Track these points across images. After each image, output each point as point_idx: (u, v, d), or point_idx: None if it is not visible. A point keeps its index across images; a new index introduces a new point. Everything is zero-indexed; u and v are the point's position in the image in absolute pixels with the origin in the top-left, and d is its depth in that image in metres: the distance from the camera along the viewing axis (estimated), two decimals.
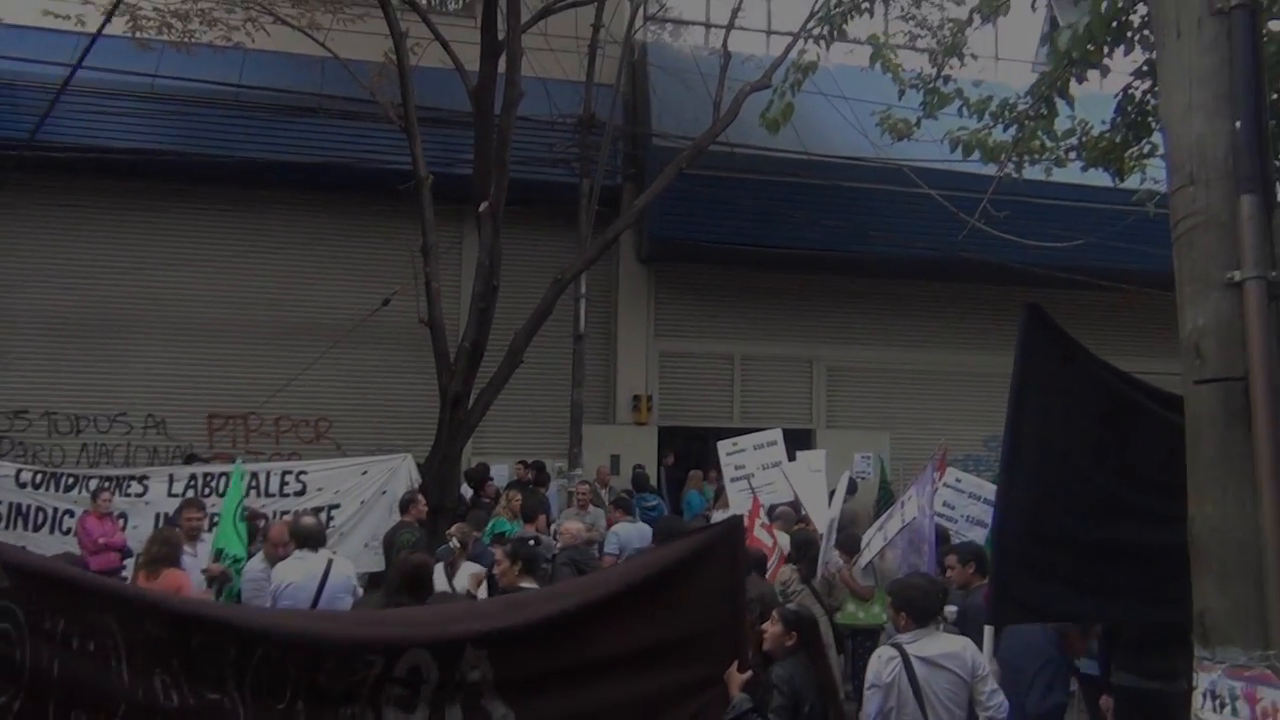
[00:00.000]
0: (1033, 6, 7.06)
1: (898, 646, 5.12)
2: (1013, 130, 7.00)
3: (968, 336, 15.84)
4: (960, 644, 5.24)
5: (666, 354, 15.38)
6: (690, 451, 16.01)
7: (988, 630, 5.67)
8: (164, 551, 6.89)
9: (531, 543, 7.17)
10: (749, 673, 3.95)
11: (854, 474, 13.97)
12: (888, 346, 15.95)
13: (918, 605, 5.22)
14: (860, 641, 8.25)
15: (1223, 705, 2.55)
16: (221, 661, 2.88)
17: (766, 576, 7.46)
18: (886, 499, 12.88)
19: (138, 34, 10.97)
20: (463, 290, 13.64)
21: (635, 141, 14.60)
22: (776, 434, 10.75)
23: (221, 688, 2.89)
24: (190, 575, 7.69)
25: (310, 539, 7.08)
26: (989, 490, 8.83)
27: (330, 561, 7.10)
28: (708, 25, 15.88)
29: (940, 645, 5.14)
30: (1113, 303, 15.09)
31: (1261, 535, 2.51)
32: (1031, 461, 5.58)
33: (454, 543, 7.95)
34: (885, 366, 15.99)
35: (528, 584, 6.01)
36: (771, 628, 4.98)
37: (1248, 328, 2.59)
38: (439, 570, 7.31)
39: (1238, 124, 2.66)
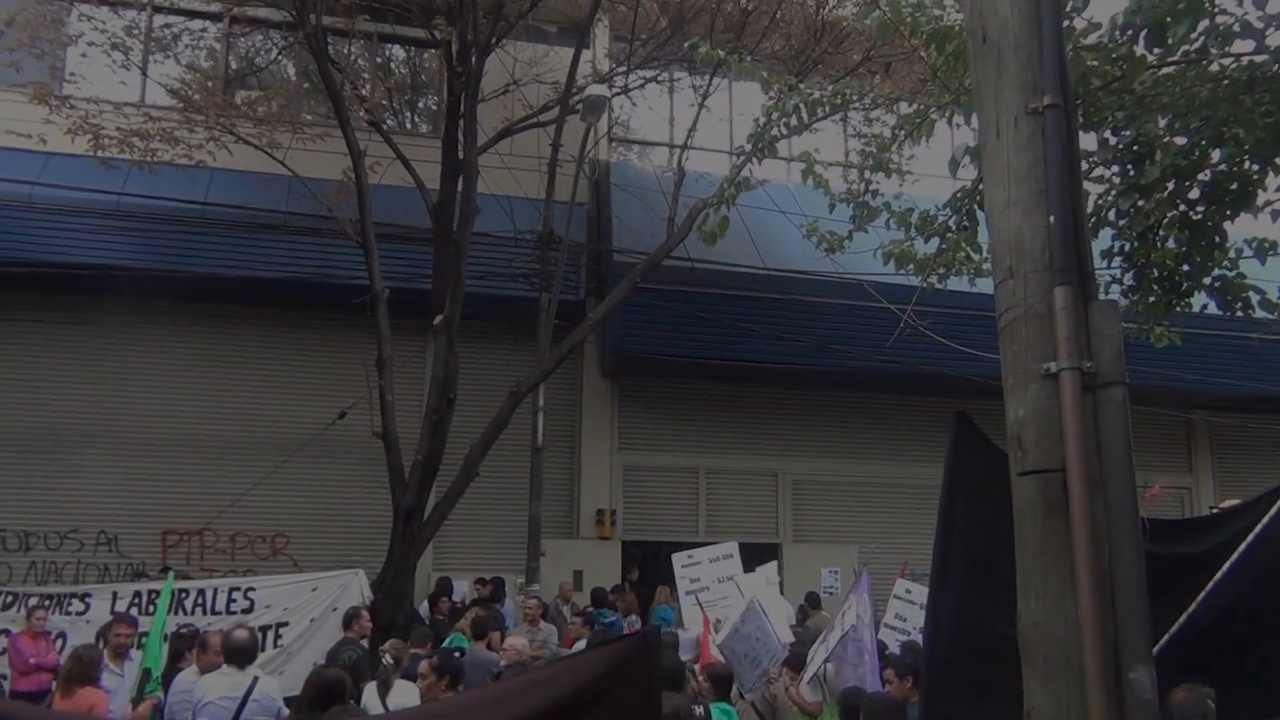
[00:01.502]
0: (950, 124, 7.20)
1: None
2: (934, 243, 7.09)
3: (932, 450, 15.67)
4: None
5: (630, 467, 15.29)
6: (655, 566, 15.83)
7: None
8: (79, 670, 6.76)
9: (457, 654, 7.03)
10: None
11: (822, 589, 13.85)
12: (853, 459, 15.87)
13: None
14: None
15: None
16: None
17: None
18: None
19: (99, 153, 11.18)
20: (422, 403, 13.64)
21: (598, 258, 14.82)
22: (733, 547, 10.67)
23: None
24: (113, 696, 7.50)
25: (240, 654, 6.91)
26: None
27: (255, 680, 6.93)
28: (671, 146, 16.26)
29: None
30: None
31: (1081, 630, 2.45)
32: (960, 572, 5.51)
33: (387, 659, 7.79)
34: (851, 479, 15.87)
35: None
36: None
37: (1064, 418, 2.58)
38: (371, 689, 7.14)
39: (1051, 219, 2.71)
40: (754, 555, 11.36)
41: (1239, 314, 6.33)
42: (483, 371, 13.37)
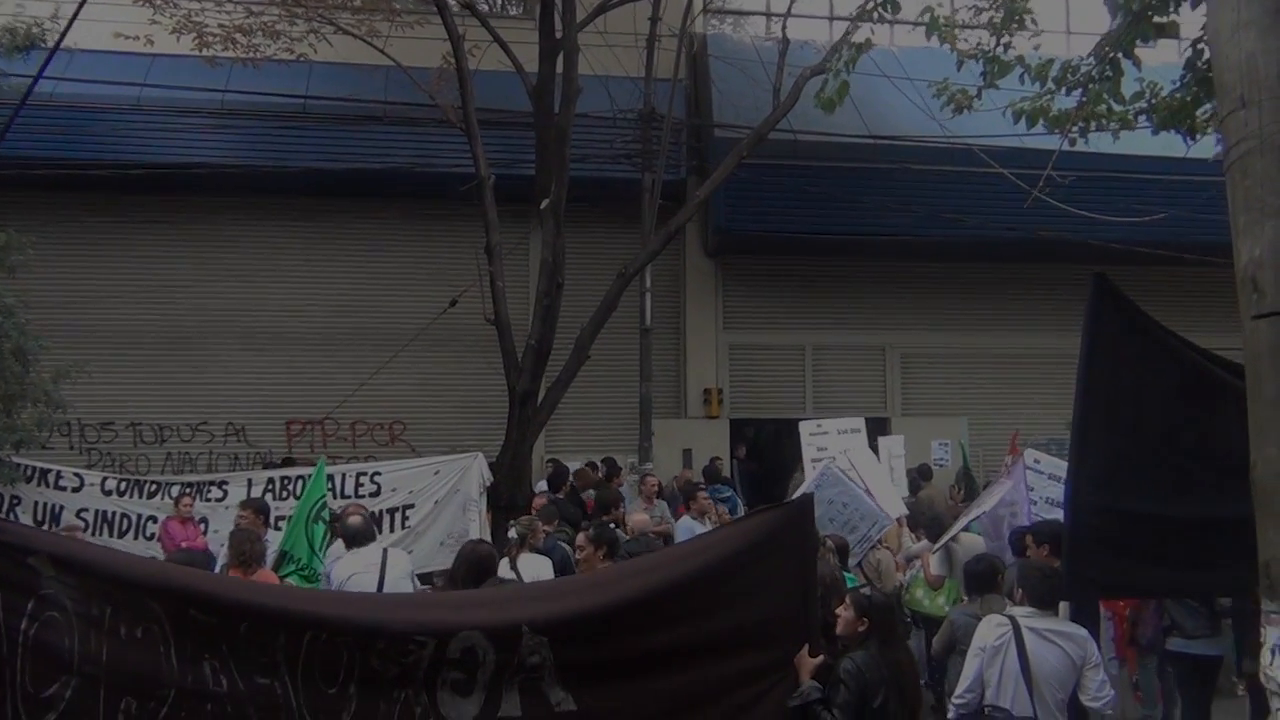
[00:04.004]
0: None
1: (1009, 617, 5.01)
2: (1076, 95, 6.76)
3: (1044, 318, 15.37)
4: (1076, 629, 5.13)
5: (736, 346, 15.26)
6: (763, 443, 15.92)
7: (1063, 606, 5.49)
8: (257, 549, 6.84)
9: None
10: (820, 658, 3.82)
11: (933, 460, 13.78)
12: (962, 331, 15.57)
13: (1037, 588, 5.15)
14: (931, 629, 8.06)
15: None
16: (271, 646, 2.89)
17: None
18: (972, 485, 12.62)
19: (204, 51, 11.22)
20: (530, 289, 13.70)
21: (698, 134, 14.52)
22: (860, 422, 10.62)
23: (272, 672, 2.89)
24: None
25: (358, 538, 7.15)
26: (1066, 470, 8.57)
27: (385, 552, 7.17)
28: (768, 15, 15.73)
29: (1055, 624, 5.06)
30: (1196, 276, 14.52)
31: None
32: (1102, 436, 5.41)
33: (512, 534, 7.97)
34: (960, 351, 15.61)
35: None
36: (844, 613, 4.85)
37: None
38: (503, 563, 7.35)
39: None
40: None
41: None
42: (587, 255, 13.36)
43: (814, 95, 7.68)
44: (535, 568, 7.26)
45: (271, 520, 8.38)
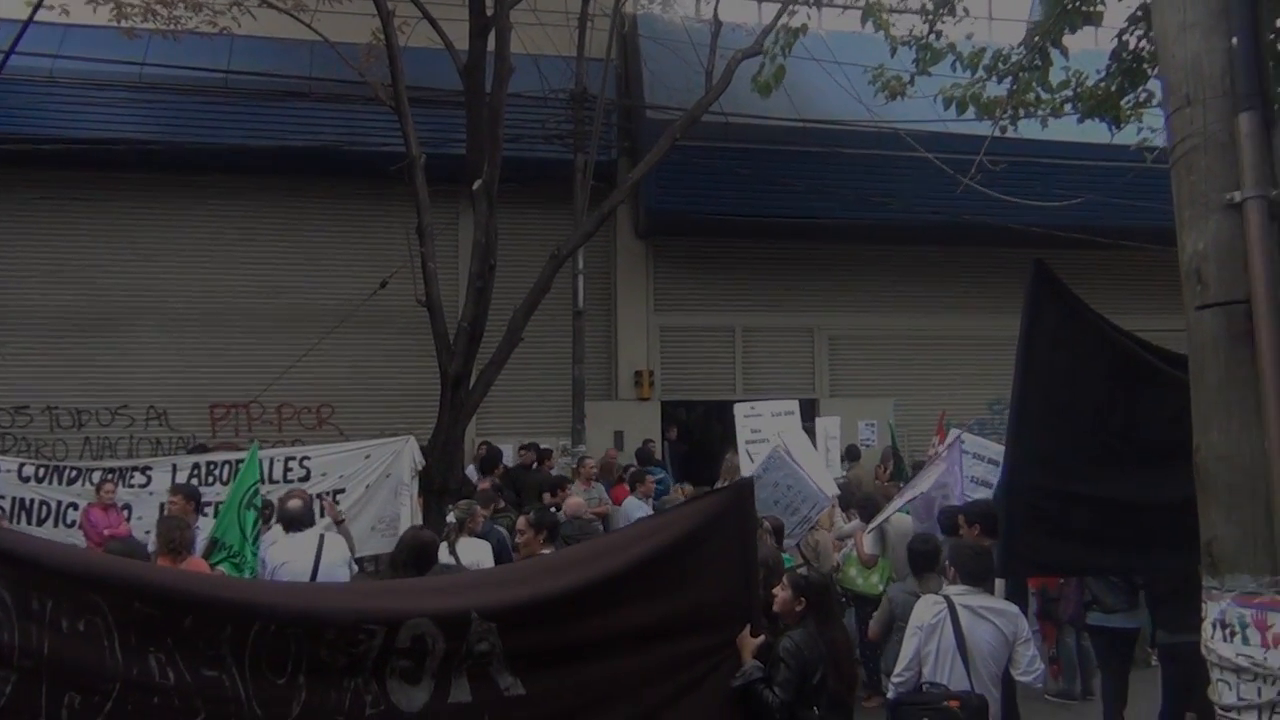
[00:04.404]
0: None
1: (944, 596, 5.13)
2: (1006, 83, 6.91)
3: (969, 300, 15.75)
4: (1007, 605, 5.27)
5: (667, 328, 15.33)
6: (693, 424, 16.04)
7: (998, 584, 5.66)
8: (187, 536, 6.73)
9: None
10: (761, 638, 3.90)
11: (859, 441, 14.03)
12: (888, 313, 15.86)
13: (969, 566, 5.28)
14: (862, 607, 8.23)
15: (1233, 634, 2.50)
16: (217, 638, 2.83)
17: None
18: (899, 465, 12.89)
19: (123, 22, 10.85)
20: (459, 271, 13.56)
21: (629, 115, 14.50)
22: (794, 405, 10.76)
23: (220, 664, 2.84)
24: None
25: (296, 522, 7.08)
26: (994, 451, 8.80)
27: (322, 538, 7.10)
28: None
29: (987, 601, 5.19)
30: (1112, 260, 14.99)
31: (1268, 460, 2.45)
32: (1038, 417, 5.57)
33: (451, 518, 7.94)
34: (887, 333, 15.90)
35: (548, 550, 6.11)
36: (781, 593, 4.95)
37: (1249, 249, 2.53)
38: (442, 547, 7.31)
39: (1234, 40, 2.59)
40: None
41: None
42: (519, 236, 13.30)
43: (750, 79, 7.71)
44: (474, 552, 7.24)
45: (201, 506, 8.19)
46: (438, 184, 11.47)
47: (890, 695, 5.25)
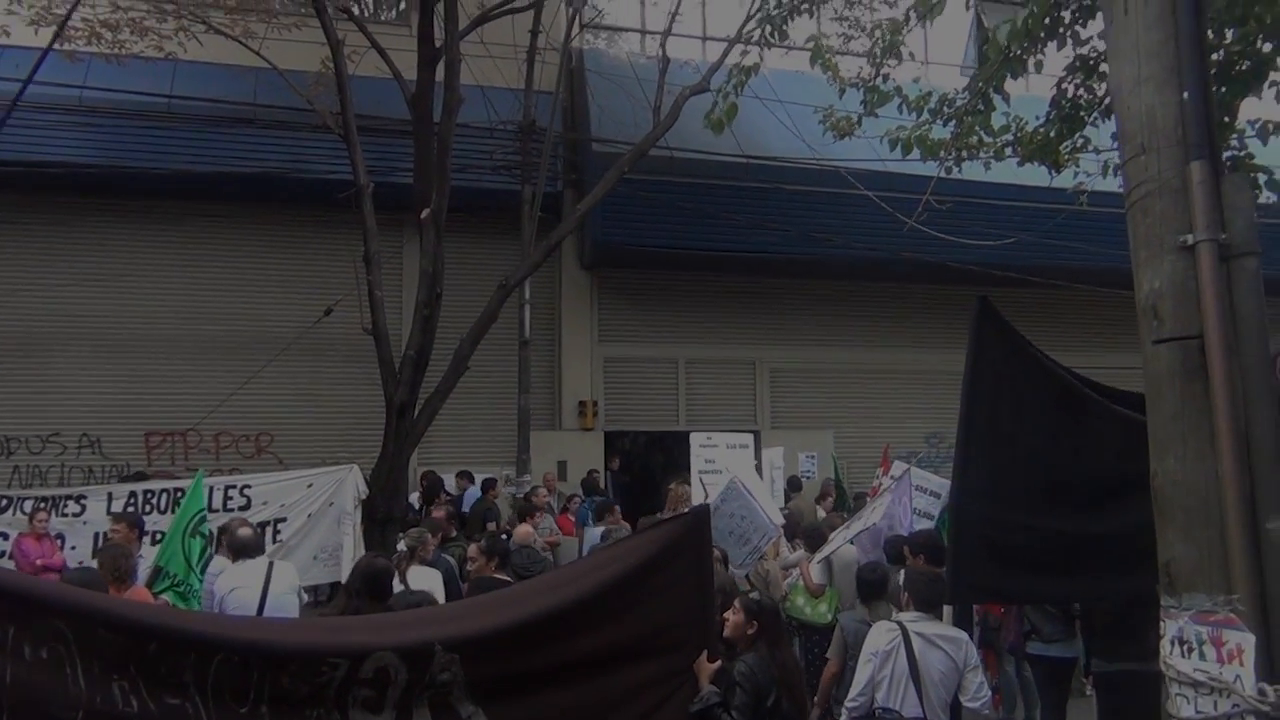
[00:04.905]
0: (966, 5, 7.23)
1: (898, 623, 5.25)
2: (951, 127, 7.16)
3: (907, 335, 16.11)
4: (957, 633, 5.39)
5: (611, 359, 15.41)
6: (633, 454, 16.12)
7: (946, 611, 5.79)
8: (130, 565, 6.62)
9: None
10: (718, 663, 3.98)
11: (800, 473, 14.24)
12: (829, 347, 16.13)
13: (923, 593, 5.41)
14: (809, 635, 8.34)
15: (1190, 650, 2.64)
16: (180, 666, 2.83)
17: None
18: (842, 496, 13.09)
19: (65, 44, 10.70)
20: (403, 299, 13.55)
21: (574, 148, 14.64)
22: (749, 439, 10.94)
23: (182, 693, 2.84)
24: None
25: (247, 550, 7.01)
26: (935, 483, 9.02)
27: (271, 565, 7.03)
28: (644, 31, 15.98)
29: (939, 629, 5.29)
30: (1046, 299, 15.45)
31: (1221, 484, 2.61)
32: (983, 449, 5.76)
33: (401, 546, 7.90)
34: (827, 366, 16.16)
35: (501, 576, 6.21)
36: (733, 617, 5.02)
37: (1201, 288, 2.70)
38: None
39: (1185, 94, 2.78)
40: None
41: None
42: (463, 265, 13.28)
43: (702, 115, 7.87)
44: (424, 580, 7.21)
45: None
46: (382, 213, 11.47)
47: None
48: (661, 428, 15.44)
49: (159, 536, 8.52)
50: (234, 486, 10.12)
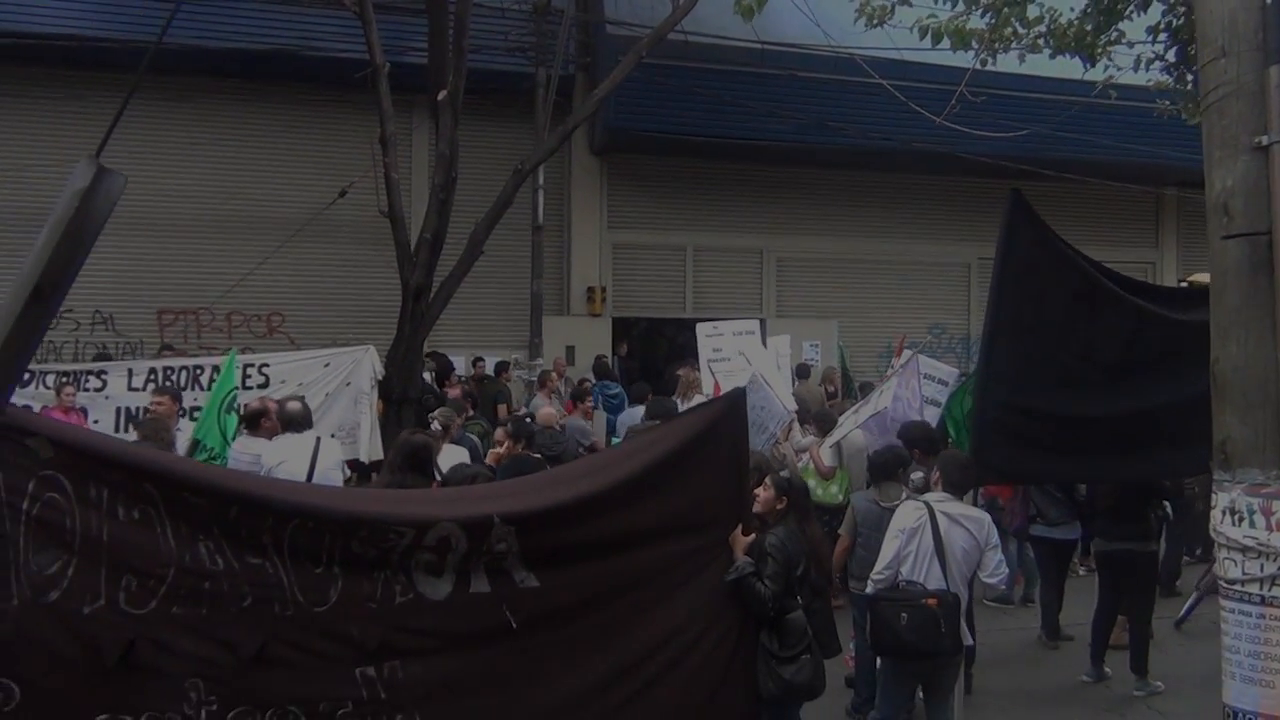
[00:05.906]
0: None
1: (924, 502, 5.51)
2: (987, 19, 7.15)
3: (914, 227, 16.17)
4: (980, 514, 5.65)
5: (620, 245, 15.46)
6: (644, 342, 16.30)
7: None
8: (170, 438, 6.82)
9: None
10: (752, 536, 4.25)
11: (805, 360, 14.46)
12: (835, 237, 16.18)
13: (954, 477, 5.62)
14: (819, 515, 8.65)
15: (1241, 519, 2.88)
16: (259, 529, 3.03)
17: None
18: (849, 384, 13.34)
19: None
20: (414, 183, 13.53)
21: (587, 29, 14.40)
22: (755, 324, 11.07)
23: (263, 553, 3.04)
24: None
25: (295, 422, 7.19)
26: (944, 371, 9.26)
27: (318, 440, 7.23)
28: None
29: (963, 509, 5.55)
30: (1059, 193, 15.45)
31: (1279, 372, 2.81)
32: (1008, 338, 5.99)
33: (435, 426, 8.12)
34: (833, 256, 16.26)
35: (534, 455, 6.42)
36: (764, 493, 5.27)
37: (1273, 187, 2.85)
38: None
39: (1268, 0, 2.88)
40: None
41: None
42: (476, 148, 13.19)
43: (733, 3, 7.81)
44: (454, 456, 7.44)
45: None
46: (394, 93, 11.38)
47: (869, 591, 5.65)
48: (669, 314, 15.61)
49: (191, 414, 8.68)
50: (252, 365, 10.21)
